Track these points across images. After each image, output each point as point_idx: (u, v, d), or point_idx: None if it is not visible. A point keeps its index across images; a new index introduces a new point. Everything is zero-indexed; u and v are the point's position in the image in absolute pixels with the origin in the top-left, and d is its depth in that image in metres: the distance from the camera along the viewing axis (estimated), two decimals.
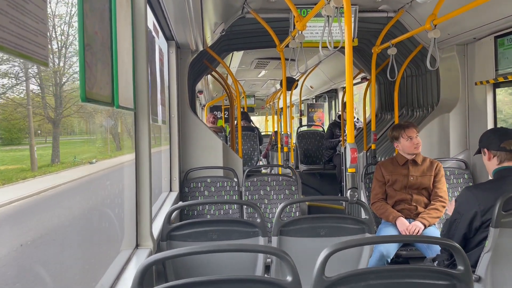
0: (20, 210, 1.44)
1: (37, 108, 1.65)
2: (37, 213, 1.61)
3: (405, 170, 3.66)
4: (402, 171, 3.67)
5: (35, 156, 1.55)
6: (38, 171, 1.58)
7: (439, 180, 3.65)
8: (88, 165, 2.16)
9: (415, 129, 3.67)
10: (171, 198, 3.78)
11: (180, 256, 1.59)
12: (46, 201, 1.65)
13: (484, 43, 3.97)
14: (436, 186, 3.63)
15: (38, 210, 1.61)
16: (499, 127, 2.89)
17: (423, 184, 3.63)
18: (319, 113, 11.47)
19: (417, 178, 3.63)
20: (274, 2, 4.12)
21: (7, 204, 1.36)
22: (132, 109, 2.13)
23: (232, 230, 2.44)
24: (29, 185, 1.49)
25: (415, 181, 3.63)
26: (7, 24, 0.95)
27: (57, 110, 1.79)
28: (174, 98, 4.10)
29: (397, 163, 3.72)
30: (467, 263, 1.61)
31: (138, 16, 2.17)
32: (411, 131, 3.65)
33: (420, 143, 3.66)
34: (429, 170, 3.66)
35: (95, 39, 1.56)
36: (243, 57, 7.57)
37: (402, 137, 3.66)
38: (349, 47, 2.46)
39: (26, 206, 1.47)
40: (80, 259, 2.02)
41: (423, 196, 3.64)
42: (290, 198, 4.19)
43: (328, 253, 1.56)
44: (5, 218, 1.37)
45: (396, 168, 3.70)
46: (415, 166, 3.67)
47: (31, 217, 1.56)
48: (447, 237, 2.65)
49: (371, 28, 4.69)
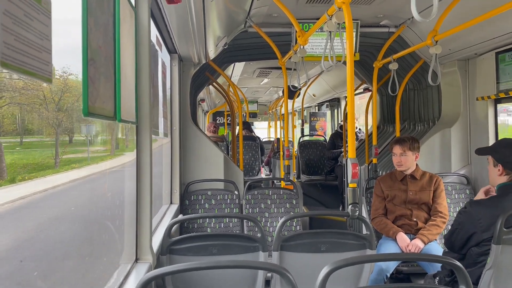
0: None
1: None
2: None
3: (403, 186, 3.64)
4: (401, 186, 3.65)
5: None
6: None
7: (438, 195, 3.62)
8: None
9: (400, 147, 3.60)
10: (172, 211, 3.77)
11: (180, 272, 1.58)
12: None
13: (485, 58, 3.99)
14: (436, 201, 3.61)
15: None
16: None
17: (422, 200, 3.60)
18: (321, 122, 11.46)
19: (416, 193, 3.61)
20: (276, 17, 4.16)
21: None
22: (134, 122, 2.14)
23: (232, 245, 2.43)
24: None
25: (414, 196, 3.60)
26: (12, 42, 0.96)
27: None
28: (176, 110, 4.11)
29: (396, 178, 3.70)
30: (468, 282, 1.60)
31: (141, 31, 2.19)
32: (396, 148, 3.63)
33: (403, 161, 3.60)
34: (428, 185, 3.63)
35: (99, 54, 1.58)
36: (245, 67, 7.60)
37: (392, 151, 3.68)
38: (350, 62, 2.48)
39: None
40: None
41: (423, 211, 3.62)
42: (291, 211, 4.18)
43: (329, 270, 1.55)
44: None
45: (395, 183, 3.68)
46: (413, 181, 3.65)
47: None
48: (449, 242, 2.66)
49: (372, 42, 4.72)
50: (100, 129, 2.67)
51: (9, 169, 1.55)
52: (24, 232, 1.76)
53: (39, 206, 1.88)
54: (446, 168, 4.39)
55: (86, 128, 2.40)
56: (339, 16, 2.62)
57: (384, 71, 5.27)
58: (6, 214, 1.60)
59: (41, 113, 1.80)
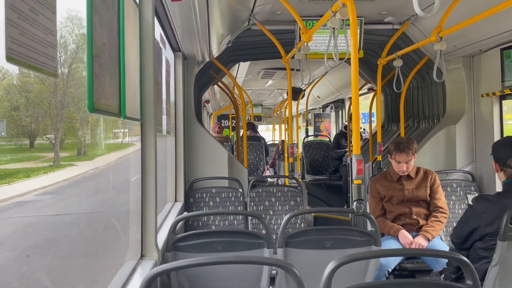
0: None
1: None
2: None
3: (399, 185, 3.62)
4: (396, 186, 3.62)
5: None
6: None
7: (436, 191, 3.61)
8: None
9: (406, 156, 3.51)
10: (176, 208, 3.78)
11: (185, 267, 1.58)
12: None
13: (490, 55, 3.97)
14: (434, 197, 3.59)
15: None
16: (509, 139, 2.77)
17: (420, 197, 3.59)
18: (325, 123, 11.45)
19: (412, 191, 3.59)
20: (280, 14, 4.15)
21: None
22: (139, 119, 2.14)
23: (237, 242, 2.43)
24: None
25: (411, 194, 3.58)
26: (18, 36, 0.96)
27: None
28: (180, 108, 4.12)
29: (391, 178, 3.66)
30: (475, 277, 1.59)
31: (145, 28, 2.20)
32: (402, 156, 3.52)
33: (408, 168, 3.55)
34: (424, 182, 3.61)
35: (103, 51, 1.58)
36: (249, 67, 7.61)
37: (392, 156, 3.59)
38: (354, 59, 2.47)
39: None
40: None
41: (423, 208, 3.60)
42: (296, 209, 4.18)
43: (335, 266, 1.55)
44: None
45: (391, 183, 3.65)
46: (409, 179, 3.62)
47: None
48: (454, 235, 2.71)
49: (377, 40, 4.71)
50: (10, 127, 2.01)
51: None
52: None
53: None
54: (451, 165, 4.37)
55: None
56: (343, 12, 2.61)
57: (388, 70, 5.26)
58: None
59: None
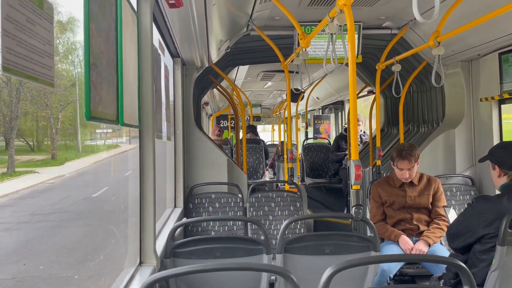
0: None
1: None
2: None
3: (402, 191, 3.61)
4: (399, 192, 3.62)
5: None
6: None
7: (439, 199, 3.60)
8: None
9: (409, 162, 3.49)
10: (176, 214, 3.78)
11: (183, 274, 1.58)
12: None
13: (488, 59, 3.97)
14: (436, 205, 3.59)
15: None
16: (510, 143, 2.78)
17: (422, 204, 3.58)
18: (325, 125, 11.43)
19: (414, 198, 3.58)
20: (278, 20, 4.16)
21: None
22: (137, 126, 2.15)
23: (236, 248, 2.43)
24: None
25: (413, 201, 3.58)
26: (14, 47, 0.97)
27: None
28: (179, 114, 4.12)
29: (394, 184, 3.65)
30: (472, 282, 1.59)
31: (143, 35, 2.20)
32: (404, 163, 3.50)
33: (411, 175, 3.54)
34: (427, 189, 3.60)
35: (101, 58, 1.59)
36: (249, 70, 7.61)
37: (395, 163, 3.57)
38: (352, 64, 2.47)
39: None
40: None
41: (424, 214, 3.59)
42: (295, 214, 4.17)
43: (332, 272, 1.55)
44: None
45: (393, 189, 3.64)
46: (412, 186, 3.61)
47: None
48: (450, 233, 2.70)
49: (375, 44, 4.72)
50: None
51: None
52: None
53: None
54: (450, 170, 4.37)
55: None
56: (340, 18, 2.62)
57: (388, 74, 5.26)
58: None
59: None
